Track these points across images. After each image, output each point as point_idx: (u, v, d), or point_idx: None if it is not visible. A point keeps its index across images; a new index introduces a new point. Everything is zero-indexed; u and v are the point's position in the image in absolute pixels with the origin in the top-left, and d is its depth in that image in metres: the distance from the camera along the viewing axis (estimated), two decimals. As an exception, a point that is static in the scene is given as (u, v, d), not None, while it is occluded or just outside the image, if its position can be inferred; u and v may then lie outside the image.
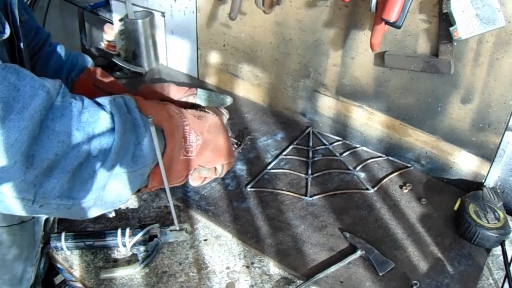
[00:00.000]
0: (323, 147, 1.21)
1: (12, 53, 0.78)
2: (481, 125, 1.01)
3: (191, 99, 1.08)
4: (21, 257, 0.80)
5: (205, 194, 1.04)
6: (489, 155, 1.03)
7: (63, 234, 0.89)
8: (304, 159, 1.15)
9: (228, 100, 1.12)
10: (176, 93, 1.09)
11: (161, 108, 0.79)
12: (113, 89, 1.04)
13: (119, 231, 0.89)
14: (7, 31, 0.69)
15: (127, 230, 0.89)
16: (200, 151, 0.82)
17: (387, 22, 0.91)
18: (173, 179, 0.80)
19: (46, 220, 0.90)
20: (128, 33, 1.48)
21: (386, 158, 1.17)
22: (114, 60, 1.50)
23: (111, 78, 1.05)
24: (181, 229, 0.92)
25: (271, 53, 1.28)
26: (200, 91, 1.09)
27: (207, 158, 0.84)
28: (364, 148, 1.20)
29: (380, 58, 1.07)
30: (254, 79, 1.36)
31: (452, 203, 1.01)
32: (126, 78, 1.48)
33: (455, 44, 0.94)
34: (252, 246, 0.92)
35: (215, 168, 0.91)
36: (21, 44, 0.78)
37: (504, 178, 1.05)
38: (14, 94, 0.56)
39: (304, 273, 0.87)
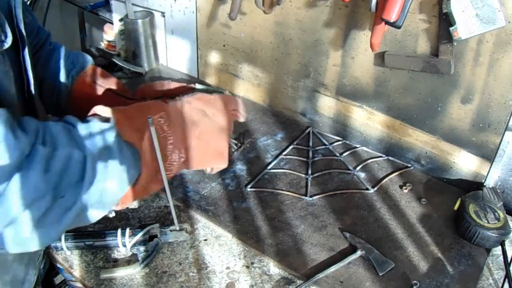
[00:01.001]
0: (323, 147, 1.21)
1: (17, 56, 0.78)
2: (481, 125, 1.01)
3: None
4: (22, 260, 0.80)
5: (205, 194, 1.04)
6: (489, 155, 1.03)
7: (63, 234, 0.89)
8: (304, 159, 1.15)
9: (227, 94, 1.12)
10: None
11: (146, 125, 0.74)
12: (113, 87, 1.04)
13: (119, 231, 0.89)
14: (9, 39, 0.69)
15: (127, 230, 0.89)
16: (184, 162, 0.80)
17: (387, 22, 0.91)
18: (149, 193, 0.78)
19: None
20: (128, 33, 1.48)
21: (386, 158, 1.17)
22: (114, 60, 1.50)
23: (112, 77, 1.05)
24: (181, 229, 0.92)
25: (271, 53, 1.28)
26: (198, 86, 1.09)
27: (192, 165, 0.82)
28: (364, 148, 1.20)
29: (380, 58, 1.07)
30: (254, 79, 1.36)
31: (452, 203, 1.01)
32: (126, 78, 1.48)
33: (455, 44, 0.94)
34: (252, 246, 0.92)
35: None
36: (26, 48, 0.78)
37: (504, 178, 1.05)
38: None
39: (304, 273, 0.87)
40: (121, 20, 1.50)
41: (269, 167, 1.12)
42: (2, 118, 0.56)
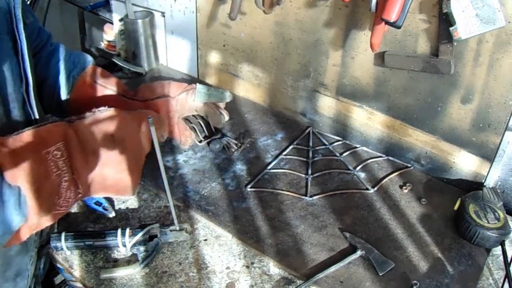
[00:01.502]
0: (323, 147, 1.21)
1: (16, 57, 0.78)
2: (481, 125, 1.01)
3: (190, 94, 1.09)
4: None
5: (205, 194, 1.04)
6: (489, 155, 1.03)
7: (63, 234, 0.89)
8: (304, 159, 1.15)
9: (227, 95, 1.11)
10: (176, 89, 1.09)
11: (38, 164, 0.69)
12: (114, 88, 1.04)
13: (119, 231, 0.89)
14: None
15: (127, 230, 0.89)
16: (83, 194, 0.77)
17: (387, 22, 0.91)
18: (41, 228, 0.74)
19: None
20: (128, 33, 1.48)
21: (386, 158, 1.17)
22: (114, 60, 1.50)
23: (113, 77, 1.05)
24: (181, 229, 0.92)
25: (271, 53, 1.28)
26: (199, 86, 1.09)
27: (91, 195, 0.79)
28: (364, 148, 1.20)
29: (380, 58, 1.07)
30: (254, 79, 1.36)
31: (452, 203, 1.01)
32: (126, 78, 1.48)
33: (455, 44, 0.94)
34: (252, 246, 0.92)
35: None
36: (24, 47, 0.78)
37: (504, 178, 1.05)
38: None
39: (304, 273, 0.87)
40: (121, 20, 1.50)
41: (269, 167, 1.12)
42: None
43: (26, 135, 0.70)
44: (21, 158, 0.67)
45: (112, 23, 1.62)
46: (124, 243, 0.88)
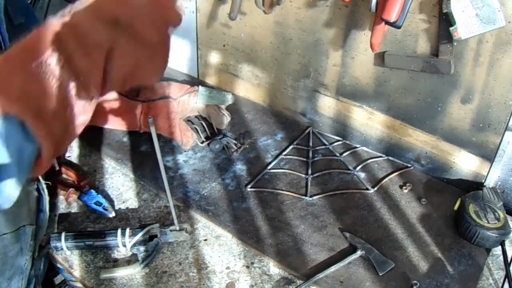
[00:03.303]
0: (323, 147, 1.21)
1: None
2: (481, 125, 1.01)
3: (192, 96, 1.09)
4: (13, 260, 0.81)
5: (205, 194, 1.04)
6: (489, 155, 1.03)
7: (63, 234, 0.89)
8: (304, 159, 1.15)
9: (229, 97, 1.11)
10: (177, 90, 1.10)
11: (29, 82, 0.56)
12: None
13: (119, 231, 0.89)
14: None
15: (127, 230, 0.89)
16: (102, 93, 0.63)
17: (387, 22, 0.91)
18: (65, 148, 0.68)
19: (40, 227, 0.90)
20: (128, 33, 1.48)
21: (386, 158, 1.17)
22: (114, 60, 1.49)
23: None
24: (181, 229, 0.92)
25: (271, 53, 1.28)
26: (201, 88, 1.09)
27: (113, 91, 0.65)
28: (364, 148, 1.20)
29: (380, 58, 1.07)
30: (254, 79, 1.36)
31: (452, 203, 1.01)
32: (126, 78, 1.48)
33: (455, 44, 0.94)
34: (252, 246, 0.92)
35: None
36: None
37: (504, 178, 1.05)
38: None
39: (304, 273, 0.87)
40: (121, 20, 1.50)
41: (269, 167, 1.12)
42: None
43: (7, 54, 0.57)
44: (6, 83, 0.56)
45: (112, 23, 1.62)
46: (124, 243, 0.88)
